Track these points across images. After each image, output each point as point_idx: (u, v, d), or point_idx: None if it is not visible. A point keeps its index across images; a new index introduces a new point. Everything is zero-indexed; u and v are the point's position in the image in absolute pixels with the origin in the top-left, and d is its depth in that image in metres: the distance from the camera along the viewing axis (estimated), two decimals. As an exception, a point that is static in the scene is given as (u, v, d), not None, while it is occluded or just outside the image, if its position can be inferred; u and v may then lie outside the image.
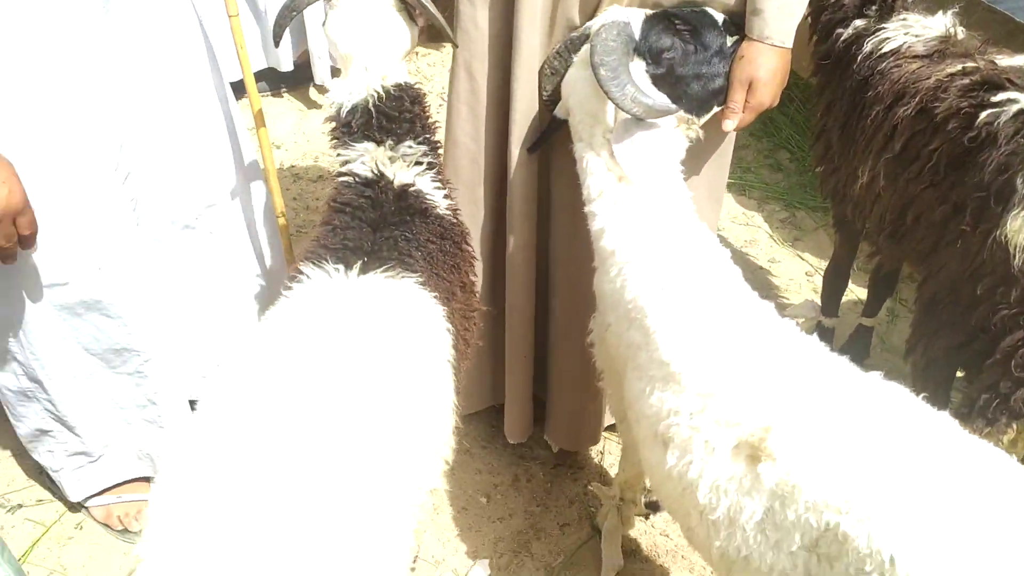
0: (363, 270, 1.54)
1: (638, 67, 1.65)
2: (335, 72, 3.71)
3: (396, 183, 1.68)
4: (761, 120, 4.06)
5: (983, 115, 1.84)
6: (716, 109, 1.77)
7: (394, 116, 1.68)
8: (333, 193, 1.71)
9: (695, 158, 1.86)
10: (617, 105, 1.57)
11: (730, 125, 1.76)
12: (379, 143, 1.68)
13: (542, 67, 1.85)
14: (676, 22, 1.64)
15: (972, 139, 1.86)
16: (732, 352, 1.40)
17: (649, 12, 1.66)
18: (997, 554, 1.09)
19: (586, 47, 1.65)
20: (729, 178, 2.83)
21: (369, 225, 1.64)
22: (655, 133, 1.63)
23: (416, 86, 1.74)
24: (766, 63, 1.71)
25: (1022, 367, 1.71)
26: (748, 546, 1.30)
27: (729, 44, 1.74)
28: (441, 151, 1.83)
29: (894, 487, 1.16)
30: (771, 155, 3.81)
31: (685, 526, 1.50)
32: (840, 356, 1.41)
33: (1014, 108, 1.79)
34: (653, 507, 2.31)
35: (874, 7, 2.21)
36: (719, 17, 1.71)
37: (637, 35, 1.63)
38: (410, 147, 1.70)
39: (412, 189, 1.69)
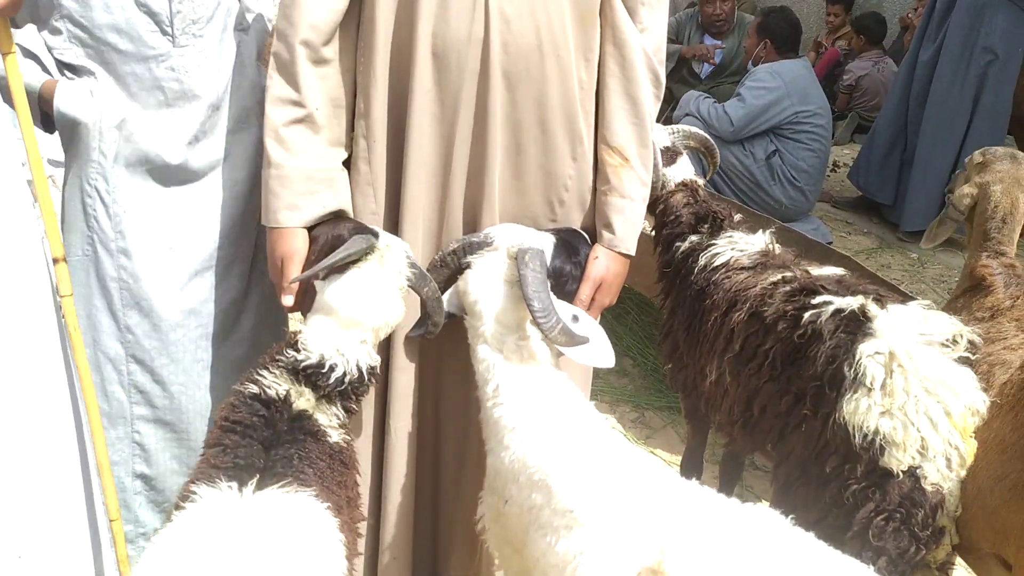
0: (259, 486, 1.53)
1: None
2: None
3: (294, 408, 1.70)
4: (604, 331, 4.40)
5: (807, 315, 2.12)
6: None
7: (352, 391, 1.75)
8: (225, 411, 1.70)
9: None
10: (546, 335, 1.76)
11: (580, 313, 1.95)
12: (314, 391, 1.72)
13: (434, 259, 1.97)
14: (569, 246, 1.87)
15: (800, 336, 2.14)
16: (625, 494, 1.58)
17: (553, 239, 1.90)
18: None
19: (493, 257, 1.84)
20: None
21: (261, 443, 1.64)
22: None
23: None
24: (613, 267, 1.99)
25: (879, 536, 1.88)
26: None
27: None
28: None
29: None
30: (616, 362, 4.08)
31: None
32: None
33: (831, 308, 2.09)
34: None
35: (706, 225, 2.57)
36: (586, 236, 1.97)
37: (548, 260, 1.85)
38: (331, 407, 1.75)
39: (308, 415, 1.72)
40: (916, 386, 1.93)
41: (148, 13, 1.95)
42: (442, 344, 2.06)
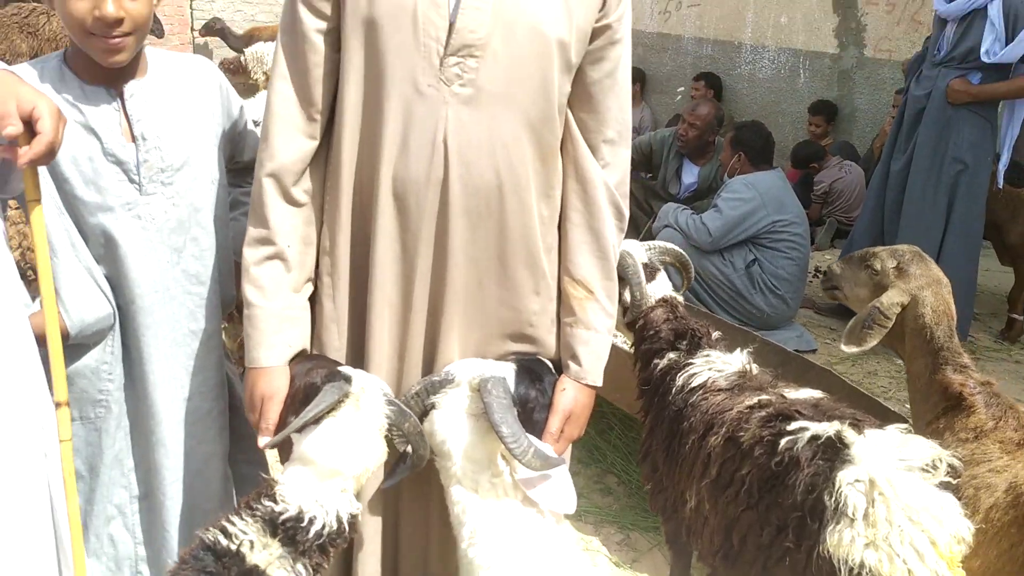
0: None
1: None
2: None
3: (247, 562, 1.60)
4: (587, 448, 4.32)
5: (783, 442, 2.07)
6: None
7: (329, 543, 1.67)
8: (174, 569, 1.61)
9: None
10: (519, 461, 1.72)
11: (547, 449, 1.88)
12: (288, 546, 1.63)
13: None
14: (531, 372, 1.85)
15: (778, 463, 2.08)
16: None
17: (514, 366, 1.88)
18: None
19: (456, 394, 1.82)
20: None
21: None
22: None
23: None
24: (581, 398, 1.96)
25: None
26: None
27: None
28: None
29: None
30: (600, 480, 3.99)
31: None
32: None
33: (807, 435, 2.03)
34: None
35: (684, 342, 2.55)
36: (549, 364, 1.94)
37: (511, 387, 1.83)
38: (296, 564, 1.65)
39: (260, 571, 1.62)
40: (899, 515, 1.86)
41: (116, 163, 1.96)
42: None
